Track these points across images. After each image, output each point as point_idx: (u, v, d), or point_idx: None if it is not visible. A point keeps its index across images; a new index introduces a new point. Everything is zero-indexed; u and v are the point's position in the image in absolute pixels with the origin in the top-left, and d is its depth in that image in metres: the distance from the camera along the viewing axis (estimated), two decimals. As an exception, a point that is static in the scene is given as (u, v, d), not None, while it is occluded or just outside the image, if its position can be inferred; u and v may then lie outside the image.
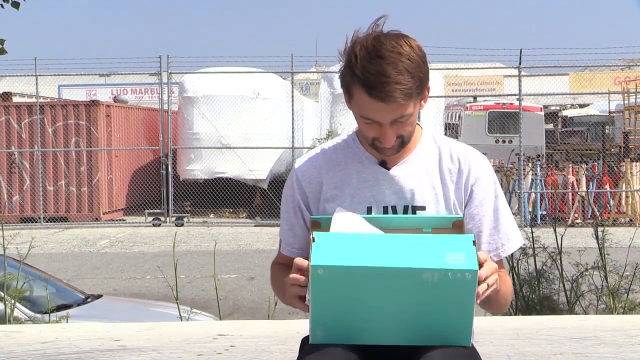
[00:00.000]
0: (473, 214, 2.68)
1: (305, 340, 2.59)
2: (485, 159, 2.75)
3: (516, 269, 7.47)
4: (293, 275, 2.46)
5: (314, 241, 2.37)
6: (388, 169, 2.67)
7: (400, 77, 2.48)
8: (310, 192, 2.72)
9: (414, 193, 2.65)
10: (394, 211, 2.64)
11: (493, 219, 2.70)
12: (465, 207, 2.68)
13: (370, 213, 2.63)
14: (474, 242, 2.38)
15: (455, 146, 2.74)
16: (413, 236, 2.43)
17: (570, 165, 22.23)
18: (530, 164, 21.66)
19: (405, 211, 2.61)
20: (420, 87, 2.55)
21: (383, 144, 2.58)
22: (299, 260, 2.48)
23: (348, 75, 2.56)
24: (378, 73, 2.48)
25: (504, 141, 24.60)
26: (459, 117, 26.78)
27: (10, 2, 8.45)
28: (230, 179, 22.56)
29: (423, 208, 2.64)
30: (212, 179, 22.63)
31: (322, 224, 2.56)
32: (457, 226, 2.54)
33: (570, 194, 20.66)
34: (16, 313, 7.73)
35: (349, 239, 2.42)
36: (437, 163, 2.70)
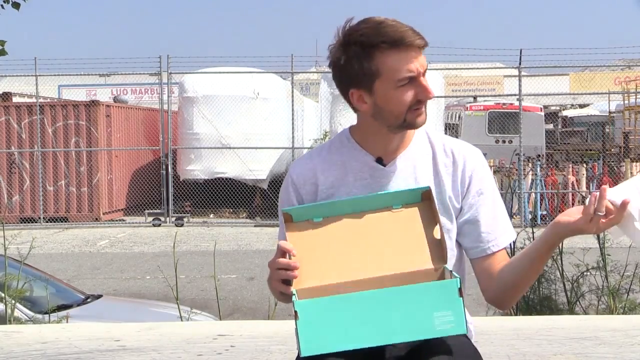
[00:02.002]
0: (471, 203, 2.68)
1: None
2: (478, 151, 2.75)
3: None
4: (280, 260, 2.45)
5: (296, 317, 2.34)
6: (384, 165, 2.67)
7: (410, 27, 2.55)
8: (305, 194, 2.71)
9: (410, 187, 2.64)
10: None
11: (492, 208, 2.70)
12: (463, 198, 2.68)
13: None
14: (459, 290, 2.36)
15: (448, 140, 2.75)
16: (398, 291, 2.37)
17: (571, 166, 22.25)
18: (530, 164, 21.68)
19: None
20: None
21: (426, 95, 2.57)
22: (283, 244, 2.47)
23: (362, 58, 2.55)
24: (394, 29, 2.53)
25: (504, 141, 24.59)
26: (459, 117, 26.78)
27: (10, 2, 8.46)
28: (230, 179, 22.57)
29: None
30: (212, 179, 22.63)
31: (294, 217, 2.54)
32: (426, 197, 2.53)
33: (570, 194, 20.66)
34: (16, 313, 7.73)
35: (334, 308, 2.37)
36: (432, 158, 2.70)
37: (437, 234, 2.49)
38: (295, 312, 2.35)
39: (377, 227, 2.56)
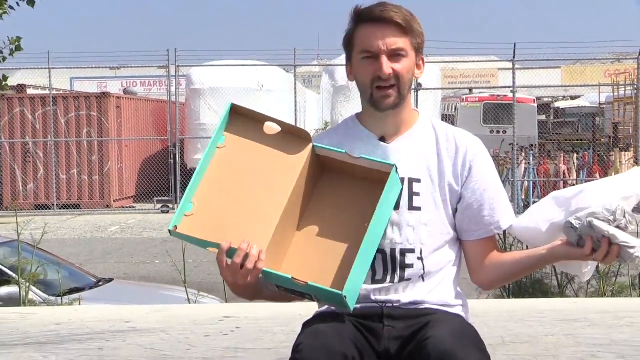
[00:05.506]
0: (474, 188, 2.68)
1: (306, 324, 2.60)
2: (479, 140, 2.76)
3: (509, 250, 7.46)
4: (235, 261, 2.43)
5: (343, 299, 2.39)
6: (387, 143, 2.68)
7: (399, 8, 2.60)
8: None
9: (411, 166, 2.65)
10: None
11: (494, 193, 2.70)
12: (464, 183, 2.68)
13: None
14: None
15: (450, 128, 2.76)
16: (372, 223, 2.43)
17: (562, 155, 22.25)
18: (523, 154, 21.66)
19: (402, 182, 2.60)
20: (416, 38, 2.64)
21: (381, 72, 2.59)
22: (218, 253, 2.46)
23: (349, 30, 2.66)
24: (377, 4, 2.61)
25: (498, 132, 24.53)
26: (455, 108, 26.72)
27: (25, 0, 8.42)
28: (235, 167, 22.54)
29: (419, 180, 2.64)
30: (218, 168, 22.60)
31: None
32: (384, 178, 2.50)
33: (561, 182, 20.65)
34: (31, 296, 7.74)
35: (356, 275, 2.43)
36: (435, 142, 2.70)
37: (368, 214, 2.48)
38: (345, 296, 2.36)
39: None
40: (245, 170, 2.54)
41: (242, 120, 2.60)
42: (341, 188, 2.58)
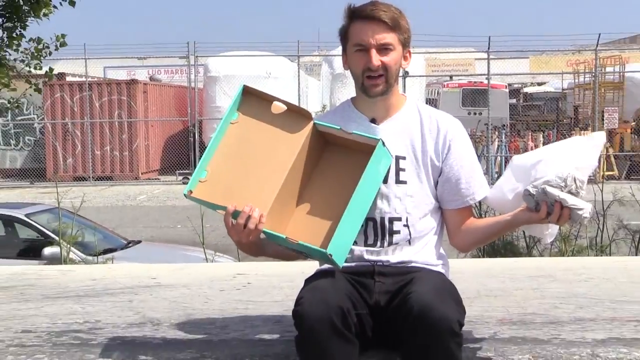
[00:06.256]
0: (452, 164, 2.68)
1: (307, 280, 2.60)
2: (459, 122, 2.76)
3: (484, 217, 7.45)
4: (239, 222, 2.44)
5: (330, 257, 2.37)
6: (377, 125, 2.68)
7: (388, 7, 2.59)
8: None
9: (398, 145, 2.65)
10: None
11: (469, 169, 2.70)
12: (444, 159, 2.68)
13: None
14: None
15: (434, 111, 2.76)
16: (357, 191, 2.42)
17: (530, 133, 22.24)
18: (496, 132, 21.64)
19: None
20: (403, 34, 2.62)
21: (370, 64, 2.58)
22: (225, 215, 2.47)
23: (344, 25, 2.65)
24: (369, 3, 2.61)
25: (475, 113, 24.47)
26: (438, 93, 26.66)
27: (67, 0, 8.37)
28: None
29: (404, 158, 2.65)
30: (232, 145, 22.58)
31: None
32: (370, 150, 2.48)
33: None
34: (71, 255, 7.76)
35: (343, 231, 2.41)
36: (419, 123, 2.70)
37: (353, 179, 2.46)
38: (330, 254, 2.35)
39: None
40: (254, 143, 2.54)
41: (253, 99, 2.60)
42: (339, 161, 2.58)
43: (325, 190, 2.55)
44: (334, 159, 2.59)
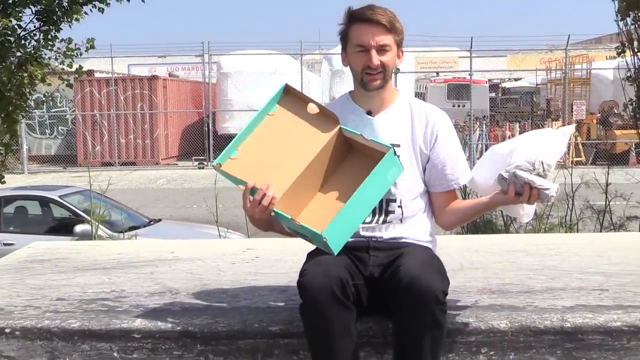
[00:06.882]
0: (439, 152, 2.68)
1: (310, 254, 2.61)
2: (445, 114, 2.76)
3: (468, 199, 7.45)
4: (256, 198, 2.42)
5: (324, 241, 2.32)
6: (373, 116, 2.67)
7: (385, 11, 2.57)
8: None
9: (392, 134, 2.65)
10: None
11: (454, 157, 2.70)
12: (432, 148, 2.68)
13: None
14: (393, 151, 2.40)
15: (423, 104, 2.75)
16: (365, 184, 2.37)
17: (507, 124, 22.20)
18: (478, 123, 21.61)
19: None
20: (398, 35, 2.60)
21: (371, 63, 2.57)
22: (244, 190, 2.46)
23: (344, 26, 2.62)
24: (367, 7, 2.59)
25: (459, 106, 24.41)
26: (426, 87, 26.58)
27: (97, 7, 8.33)
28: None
29: (398, 145, 2.64)
30: (242, 134, 22.55)
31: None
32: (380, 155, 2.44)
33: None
34: (99, 232, 7.77)
35: (341, 219, 2.36)
36: (410, 115, 2.70)
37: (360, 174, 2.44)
38: (325, 238, 2.31)
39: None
40: (284, 135, 2.54)
41: (292, 98, 2.59)
42: (358, 166, 2.56)
43: (339, 189, 2.54)
44: (354, 163, 2.58)
